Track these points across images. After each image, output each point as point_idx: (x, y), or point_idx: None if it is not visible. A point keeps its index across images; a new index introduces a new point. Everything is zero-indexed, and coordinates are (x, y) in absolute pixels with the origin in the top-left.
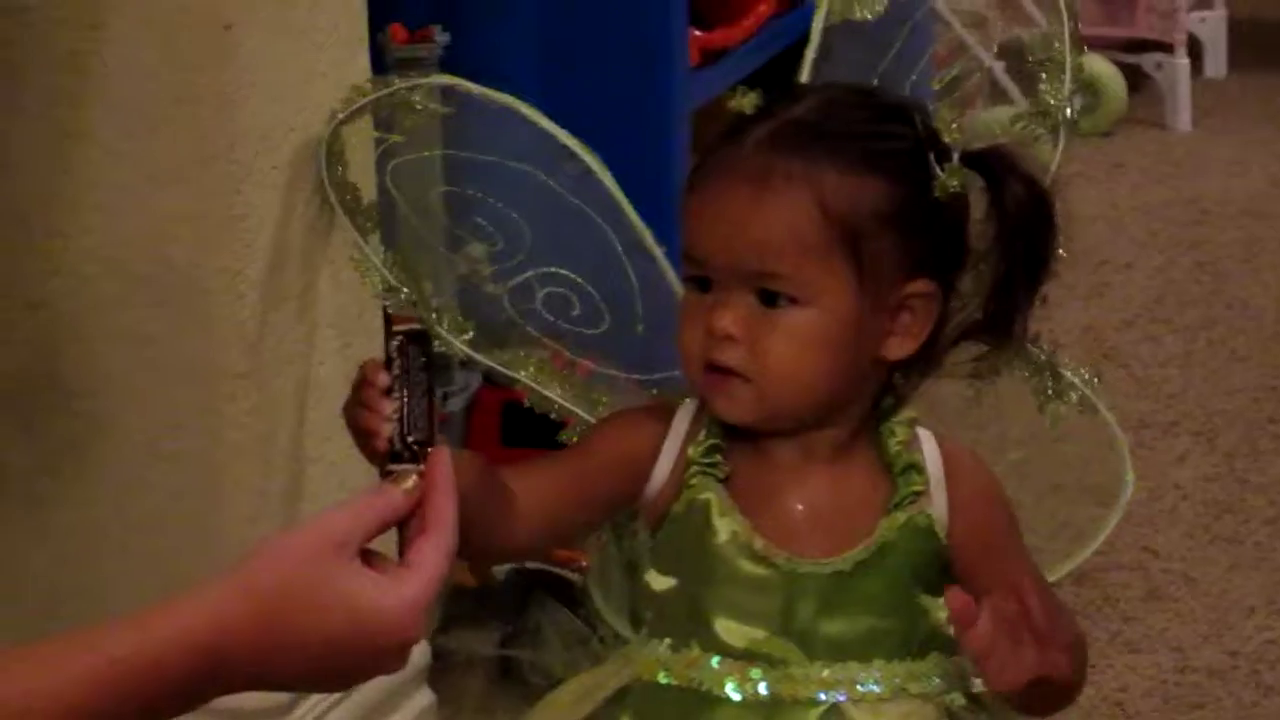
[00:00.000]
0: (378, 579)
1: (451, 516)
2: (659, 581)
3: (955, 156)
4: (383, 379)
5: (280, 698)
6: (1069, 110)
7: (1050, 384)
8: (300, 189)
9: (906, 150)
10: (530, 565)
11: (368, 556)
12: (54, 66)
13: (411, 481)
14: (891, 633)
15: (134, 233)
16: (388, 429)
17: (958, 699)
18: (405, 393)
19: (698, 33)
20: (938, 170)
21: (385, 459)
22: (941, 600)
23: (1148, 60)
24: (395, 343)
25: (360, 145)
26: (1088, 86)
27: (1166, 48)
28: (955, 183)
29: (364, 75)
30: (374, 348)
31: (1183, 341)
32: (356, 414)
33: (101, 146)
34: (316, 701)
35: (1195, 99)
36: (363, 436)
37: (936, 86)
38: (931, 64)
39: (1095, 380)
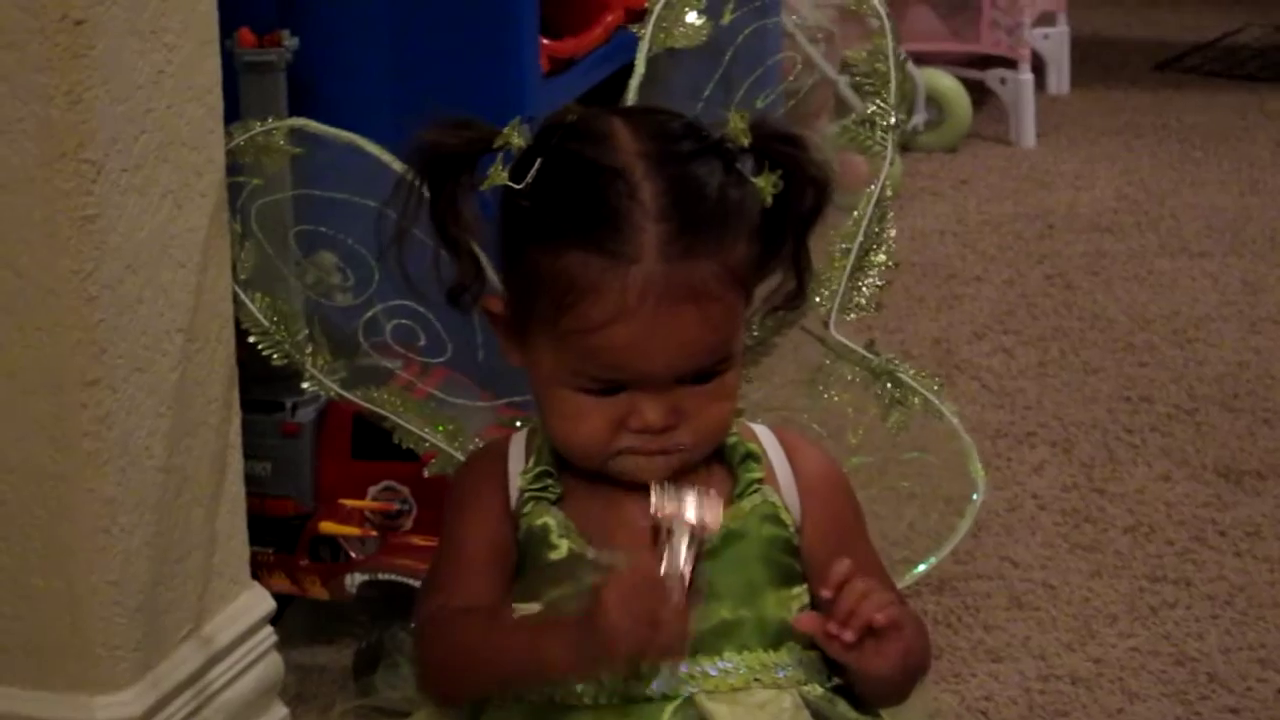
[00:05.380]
0: None
1: None
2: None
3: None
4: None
5: (136, 708)
6: (893, 119)
7: (891, 390)
8: (151, 191)
9: (737, 176)
10: (383, 577)
11: None
12: None
13: None
14: (744, 624)
15: None
16: None
17: (814, 689)
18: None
19: (546, 41)
20: (755, 181)
21: None
22: (795, 591)
23: (992, 76)
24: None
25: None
26: (933, 103)
27: (1010, 63)
28: (773, 189)
29: (214, 78)
30: (225, 352)
31: (1035, 353)
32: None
33: None
34: (171, 714)
35: (1039, 115)
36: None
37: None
38: (779, 71)
39: (939, 385)
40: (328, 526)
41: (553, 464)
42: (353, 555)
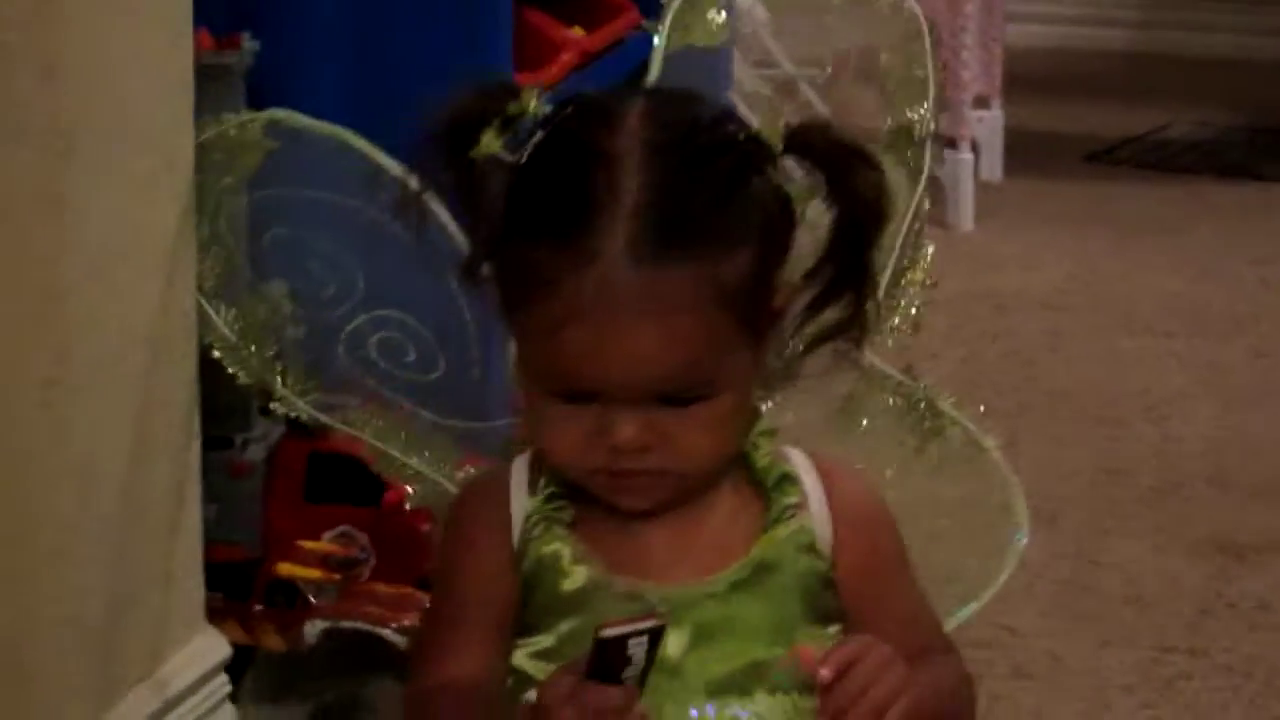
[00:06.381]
0: None
1: None
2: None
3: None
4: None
5: None
6: (932, 128)
7: (928, 420)
8: (121, 181)
9: (760, 189)
10: (346, 625)
11: None
12: None
13: None
14: (777, 664)
15: None
16: None
17: None
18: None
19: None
20: (784, 186)
21: None
22: (831, 630)
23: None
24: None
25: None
26: None
27: (951, 143)
28: (808, 195)
29: (187, 67)
30: (188, 369)
31: (1004, 429)
32: None
33: None
34: None
35: (974, 199)
36: None
37: None
38: None
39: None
40: (286, 568)
41: (563, 483)
42: (312, 601)
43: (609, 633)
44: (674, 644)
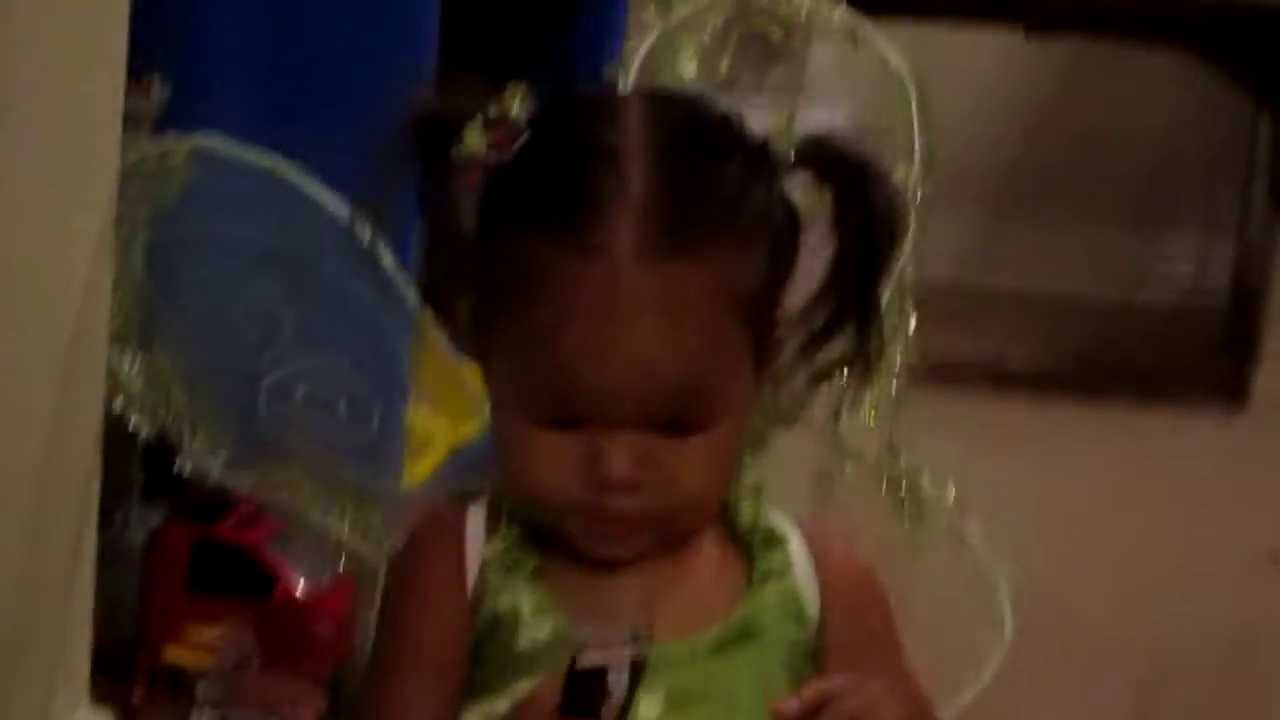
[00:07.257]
0: None
1: None
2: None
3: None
4: None
5: None
6: (918, 191)
7: (909, 504)
8: (46, 163)
9: (770, 197)
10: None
11: None
12: None
13: None
14: None
15: None
16: None
17: None
18: None
19: None
20: (789, 197)
21: None
22: None
23: None
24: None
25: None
26: None
27: None
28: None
29: (121, 48)
30: (97, 395)
31: None
32: None
33: None
34: None
35: None
36: None
37: None
38: None
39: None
40: (175, 654)
41: (524, 532)
42: (199, 692)
43: (586, 662)
44: (647, 709)
